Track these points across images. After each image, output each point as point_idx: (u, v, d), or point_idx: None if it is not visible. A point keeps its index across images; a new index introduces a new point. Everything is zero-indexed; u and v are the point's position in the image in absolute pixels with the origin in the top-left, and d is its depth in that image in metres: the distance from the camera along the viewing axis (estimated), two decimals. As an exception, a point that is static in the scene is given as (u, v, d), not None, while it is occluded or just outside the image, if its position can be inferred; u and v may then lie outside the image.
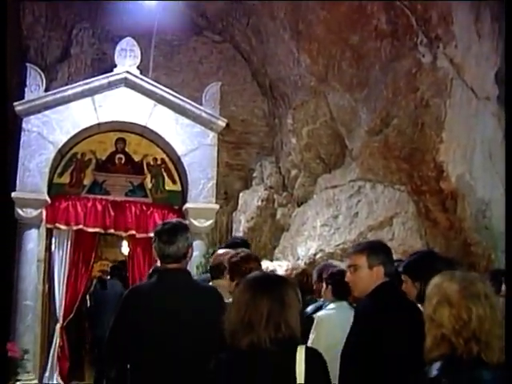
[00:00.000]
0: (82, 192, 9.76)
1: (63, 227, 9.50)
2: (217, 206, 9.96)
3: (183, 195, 9.98)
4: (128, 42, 9.97)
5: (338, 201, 9.14)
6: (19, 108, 9.36)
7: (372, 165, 8.45)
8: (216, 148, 10.06)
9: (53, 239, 9.64)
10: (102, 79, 9.78)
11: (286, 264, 8.64)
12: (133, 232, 9.74)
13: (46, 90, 9.61)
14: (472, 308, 2.53)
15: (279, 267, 7.78)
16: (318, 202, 9.66)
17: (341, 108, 9.13)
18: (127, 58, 9.89)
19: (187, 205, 9.72)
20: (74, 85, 9.80)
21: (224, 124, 10.11)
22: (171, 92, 9.96)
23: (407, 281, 3.89)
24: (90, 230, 9.64)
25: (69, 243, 9.66)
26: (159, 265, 4.10)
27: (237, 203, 11.02)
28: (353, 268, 3.90)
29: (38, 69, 9.68)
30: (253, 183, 11.22)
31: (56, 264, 9.60)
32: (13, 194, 9.10)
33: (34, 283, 9.17)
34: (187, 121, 9.93)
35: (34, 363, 9.01)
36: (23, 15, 10.98)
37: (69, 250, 9.66)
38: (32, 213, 9.15)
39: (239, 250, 4.61)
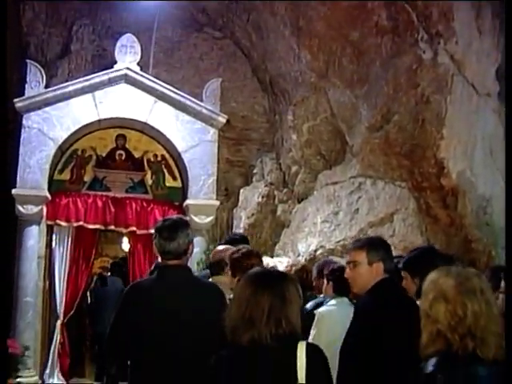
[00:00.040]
0: (83, 188, 9.76)
1: (64, 224, 9.51)
2: (217, 203, 9.96)
3: (184, 191, 9.98)
4: (128, 39, 9.96)
5: (339, 197, 9.14)
6: (19, 104, 9.36)
7: (372, 161, 8.44)
8: (216, 144, 10.05)
9: (53, 236, 9.65)
10: (103, 76, 9.77)
11: (287, 260, 8.68)
12: (133, 228, 9.73)
13: (47, 87, 9.60)
14: (467, 304, 2.55)
15: (280, 263, 7.82)
16: (319, 199, 9.66)
17: (341, 104, 9.12)
18: (127, 55, 9.88)
19: (188, 201, 9.72)
20: (75, 81, 9.80)
21: (224, 120, 10.11)
22: (171, 88, 9.95)
23: (407, 277, 3.90)
24: (91, 227, 9.63)
25: (69, 240, 9.66)
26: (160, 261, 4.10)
27: (237, 199, 11.03)
28: (352, 264, 3.89)
29: (39, 65, 9.66)
30: (253, 179, 11.22)
31: (56, 260, 9.61)
32: (13, 191, 9.10)
33: (35, 280, 9.18)
34: (188, 117, 9.92)
35: (35, 360, 9.03)
36: (23, 12, 10.97)
37: (69, 247, 9.66)
38: (32, 209, 9.15)
39: (240, 247, 4.61)
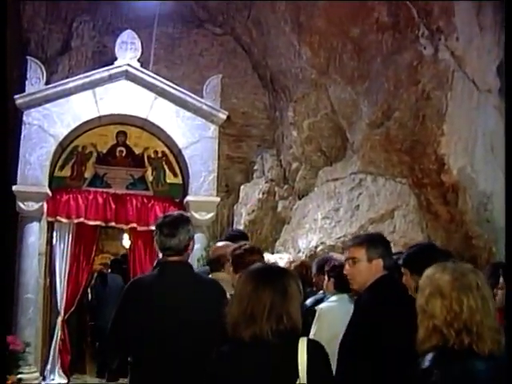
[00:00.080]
0: (83, 185, 9.76)
1: (64, 220, 9.51)
2: (218, 199, 9.96)
3: (184, 188, 9.98)
4: (129, 35, 9.94)
5: (339, 193, 9.14)
6: (20, 101, 9.35)
7: (373, 157, 8.43)
8: (217, 141, 10.04)
9: (54, 232, 9.65)
10: (103, 72, 9.76)
11: (287, 257, 8.68)
12: (134, 225, 9.74)
13: (47, 83, 9.60)
14: (463, 299, 2.56)
15: (280, 260, 7.80)
16: (319, 195, 9.65)
17: (342, 101, 9.11)
18: (128, 51, 9.87)
19: (188, 198, 9.72)
20: (75, 78, 9.79)
21: (225, 117, 10.10)
22: (172, 85, 9.94)
23: (407, 273, 3.89)
24: (91, 223, 9.64)
25: (70, 236, 9.67)
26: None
27: (238, 196, 11.04)
28: (351, 261, 3.88)
29: (39, 62, 9.65)
30: (254, 176, 11.23)
31: (57, 257, 9.61)
32: (14, 188, 9.10)
33: (36, 276, 9.19)
34: (188, 113, 9.91)
35: (36, 356, 9.03)
36: (23, 8, 10.96)
37: (70, 243, 9.67)
38: (33, 206, 9.16)
39: (242, 243, 4.60)
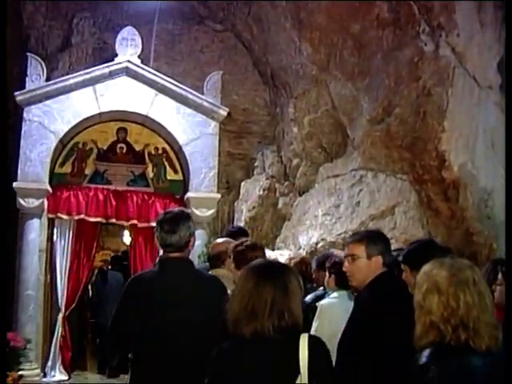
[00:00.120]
0: (84, 182, 9.76)
1: (65, 217, 9.51)
2: (218, 196, 9.96)
3: (185, 184, 9.98)
4: (129, 32, 9.94)
5: (340, 190, 9.13)
6: (20, 98, 9.35)
7: (374, 154, 8.42)
8: (217, 137, 10.04)
9: (54, 229, 9.66)
10: (103, 68, 9.76)
11: (288, 253, 8.68)
12: (134, 221, 9.74)
13: (47, 80, 9.60)
14: (460, 295, 2.56)
15: (281, 256, 7.81)
16: (320, 192, 9.65)
17: (342, 97, 9.10)
18: (128, 48, 9.86)
19: (189, 194, 9.72)
20: (75, 74, 9.79)
21: (225, 113, 10.10)
22: (172, 81, 9.94)
23: (406, 270, 3.88)
24: (92, 220, 9.63)
25: (70, 233, 9.67)
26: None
27: (238, 192, 11.04)
28: (351, 258, 3.85)
29: (39, 58, 9.66)
30: (254, 172, 11.23)
31: (58, 254, 9.62)
32: (14, 184, 9.11)
33: (36, 273, 9.20)
34: (189, 110, 9.91)
35: (37, 353, 9.05)
36: (24, 4, 10.95)
37: (70, 240, 9.68)
38: (34, 203, 9.16)
39: (243, 239, 4.60)
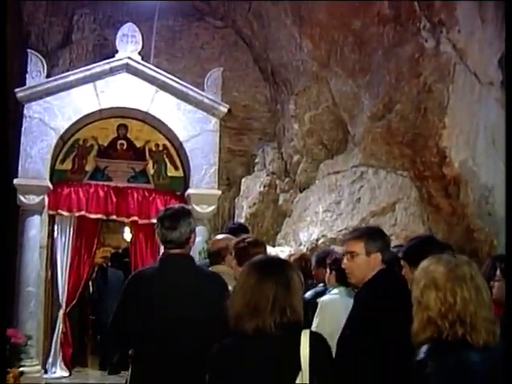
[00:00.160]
0: (84, 178, 9.75)
1: (65, 213, 9.51)
2: (219, 192, 9.96)
3: (185, 181, 9.97)
4: (129, 28, 9.92)
5: (341, 186, 9.13)
6: (21, 94, 9.34)
7: (374, 150, 8.42)
8: (218, 134, 10.02)
9: (55, 226, 9.66)
10: (104, 65, 9.74)
11: (288, 250, 8.68)
12: (135, 218, 9.74)
13: (48, 76, 9.58)
14: (457, 290, 2.56)
15: (281, 253, 7.80)
16: (321, 188, 9.65)
17: (343, 93, 9.10)
18: (129, 44, 9.84)
19: (189, 191, 9.71)
20: (76, 71, 9.77)
21: (226, 110, 10.08)
22: (173, 78, 9.92)
23: (406, 266, 3.88)
24: (93, 217, 9.64)
25: (71, 229, 9.67)
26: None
27: (239, 189, 11.04)
28: (350, 255, 3.85)
29: (40, 55, 9.64)
30: (255, 169, 11.23)
31: (58, 250, 9.63)
32: (15, 181, 9.10)
33: (37, 270, 9.19)
34: (189, 107, 9.90)
35: (37, 349, 9.04)
36: (24, 1, 10.93)
37: (71, 237, 9.68)
38: (34, 199, 9.15)
39: (244, 236, 4.59)
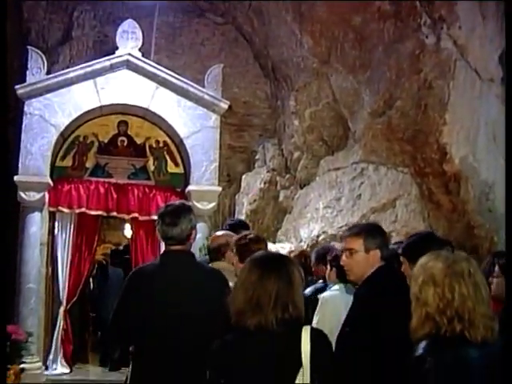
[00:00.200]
0: (85, 175, 9.75)
1: (66, 210, 9.50)
2: (219, 189, 9.95)
3: (186, 178, 9.97)
4: (130, 24, 9.90)
5: (341, 183, 9.13)
6: (21, 91, 9.33)
7: (375, 147, 8.42)
8: (218, 130, 10.01)
9: (56, 222, 9.66)
10: (104, 62, 9.73)
11: (289, 246, 8.69)
12: (135, 215, 9.72)
13: (48, 73, 9.57)
14: (455, 286, 2.57)
15: (282, 249, 7.81)
16: (321, 184, 9.65)
17: (343, 90, 9.09)
18: (129, 41, 9.83)
19: (190, 187, 9.71)
20: (76, 67, 9.76)
21: (226, 106, 10.07)
22: (173, 74, 9.91)
23: (405, 262, 3.89)
24: (93, 213, 9.63)
25: (72, 226, 9.67)
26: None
27: (239, 185, 11.03)
28: (348, 252, 3.83)
29: (40, 51, 9.62)
30: (255, 165, 11.22)
31: (59, 247, 9.63)
32: (15, 178, 9.09)
33: (38, 266, 9.19)
34: (189, 103, 9.89)
35: (38, 346, 9.04)
36: (24, -2, 10.93)
37: (72, 233, 9.68)
38: (35, 196, 9.15)
39: (246, 233, 4.59)
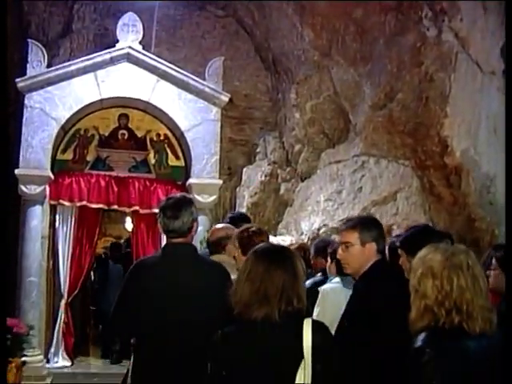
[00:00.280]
0: (86, 168, 9.75)
1: (67, 203, 9.50)
2: (220, 182, 9.94)
3: (186, 171, 9.97)
4: (130, 17, 9.88)
5: (342, 176, 9.13)
6: (21, 84, 9.31)
7: (376, 140, 8.41)
8: (219, 123, 9.99)
9: (57, 216, 9.66)
10: (105, 55, 9.70)
11: (290, 239, 8.70)
12: (136, 208, 9.72)
13: (48, 66, 9.55)
14: (453, 278, 2.59)
15: (283, 242, 7.81)
16: (322, 177, 9.65)
17: (344, 83, 9.08)
18: (129, 34, 9.80)
19: (191, 180, 9.70)
20: (76, 60, 9.74)
21: (227, 99, 10.05)
22: (174, 67, 9.89)
23: (403, 255, 3.90)
24: (94, 206, 9.63)
25: (73, 219, 9.67)
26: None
27: (240, 178, 11.04)
28: (344, 245, 3.82)
29: (40, 44, 9.59)
30: (256, 158, 11.22)
31: (60, 240, 9.63)
32: (16, 171, 9.08)
33: (39, 260, 9.19)
34: (190, 96, 9.87)
35: (40, 339, 9.05)
36: (24, -10, 10.90)
37: (73, 227, 9.67)
38: (35, 189, 9.15)
39: (247, 225, 4.58)
